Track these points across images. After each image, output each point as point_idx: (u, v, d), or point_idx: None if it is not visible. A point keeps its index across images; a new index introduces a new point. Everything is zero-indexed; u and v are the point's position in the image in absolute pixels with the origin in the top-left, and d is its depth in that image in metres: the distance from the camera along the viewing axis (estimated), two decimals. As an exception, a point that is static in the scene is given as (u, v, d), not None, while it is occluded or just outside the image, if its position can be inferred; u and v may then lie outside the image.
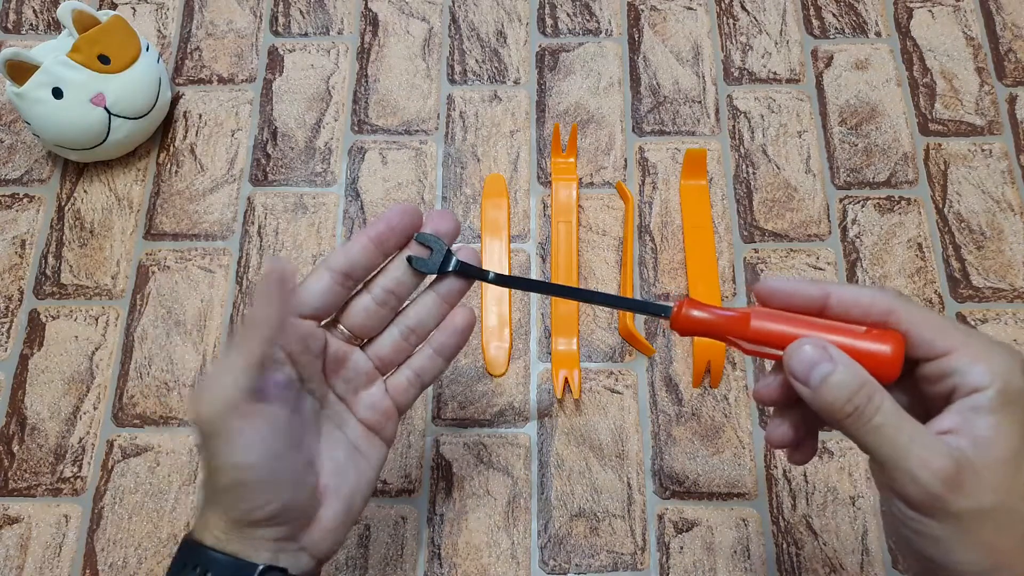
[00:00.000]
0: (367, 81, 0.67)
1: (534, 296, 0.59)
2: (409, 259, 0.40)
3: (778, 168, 0.63)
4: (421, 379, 0.42)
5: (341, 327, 0.41)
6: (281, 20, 0.69)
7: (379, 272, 0.41)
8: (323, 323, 0.40)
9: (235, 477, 0.34)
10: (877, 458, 0.30)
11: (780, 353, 0.33)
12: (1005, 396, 0.30)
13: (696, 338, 0.56)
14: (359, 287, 0.41)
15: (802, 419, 0.35)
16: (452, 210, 0.62)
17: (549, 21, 0.69)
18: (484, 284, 0.59)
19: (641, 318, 0.58)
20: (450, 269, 0.40)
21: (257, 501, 0.35)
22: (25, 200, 0.63)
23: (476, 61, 0.67)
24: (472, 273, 0.41)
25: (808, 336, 0.32)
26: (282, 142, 0.65)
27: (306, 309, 0.38)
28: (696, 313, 0.35)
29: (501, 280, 0.41)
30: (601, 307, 0.59)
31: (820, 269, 0.60)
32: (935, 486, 0.29)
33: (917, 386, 0.33)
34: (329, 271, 0.39)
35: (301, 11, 0.69)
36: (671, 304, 0.36)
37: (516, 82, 0.66)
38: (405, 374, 0.42)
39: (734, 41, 0.68)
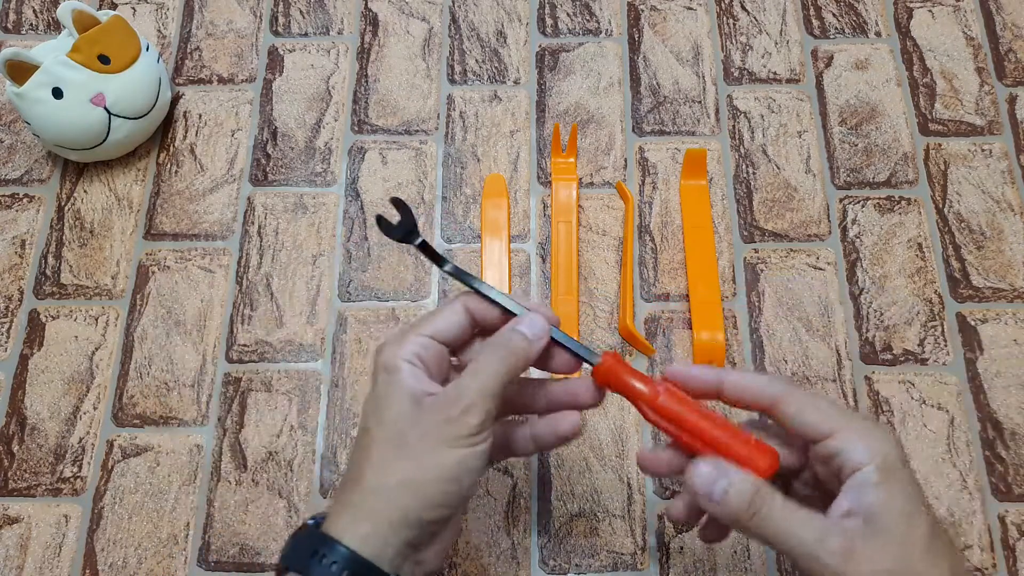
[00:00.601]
0: (367, 81, 0.67)
1: (534, 296, 0.59)
2: (378, 218, 0.42)
3: (778, 168, 0.63)
4: (512, 450, 0.42)
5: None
6: (281, 20, 0.69)
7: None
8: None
9: (456, 479, 0.36)
10: (783, 550, 0.34)
11: (671, 428, 0.38)
12: (885, 469, 0.34)
13: (696, 338, 0.57)
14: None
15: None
16: (452, 210, 0.62)
17: (549, 21, 0.69)
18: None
19: (641, 318, 0.58)
20: (415, 243, 0.42)
21: (450, 503, 0.36)
22: (25, 200, 0.63)
23: (476, 61, 0.67)
24: (431, 255, 0.42)
25: (701, 428, 0.37)
26: (282, 142, 0.65)
27: (443, 337, 0.40)
28: (614, 374, 0.39)
29: (456, 273, 0.41)
30: (600, 308, 0.59)
31: (820, 269, 0.60)
32: (834, 560, 0.33)
33: (815, 471, 0.37)
34: (465, 308, 0.40)
35: (301, 11, 0.69)
36: (598, 356, 0.39)
37: (516, 82, 0.66)
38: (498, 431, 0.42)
39: (734, 41, 0.68)
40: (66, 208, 0.62)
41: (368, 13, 0.69)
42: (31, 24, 0.70)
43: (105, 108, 0.58)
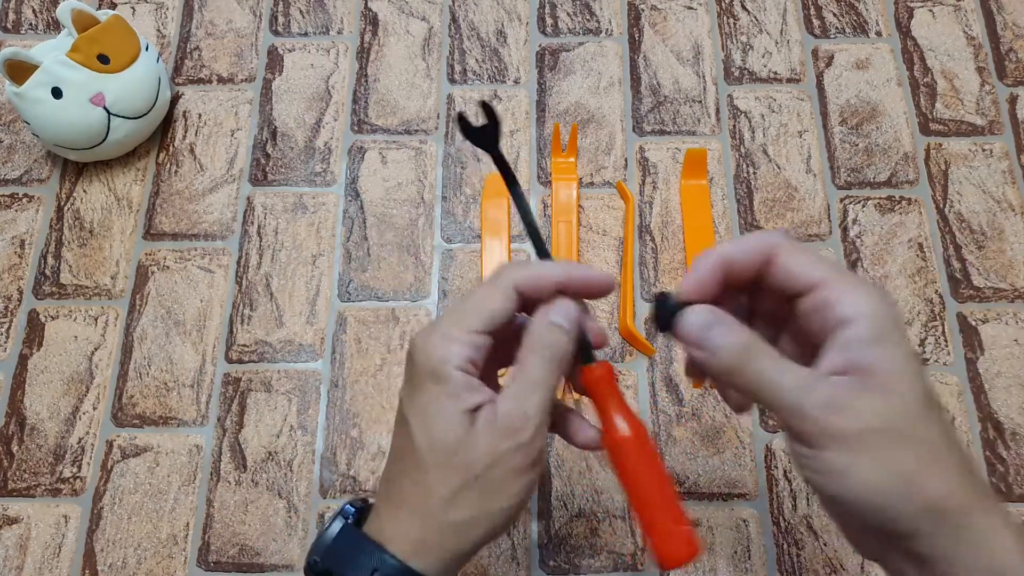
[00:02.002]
0: (367, 81, 0.66)
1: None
2: (459, 116, 0.37)
3: (779, 168, 0.63)
4: None
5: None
6: (281, 20, 0.69)
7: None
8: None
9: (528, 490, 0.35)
10: (767, 402, 0.31)
11: (618, 473, 0.36)
12: (877, 326, 0.30)
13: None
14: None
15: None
16: (452, 210, 0.62)
17: (549, 21, 0.69)
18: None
19: (641, 318, 0.58)
20: (491, 152, 0.38)
21: (513, 523, 0.35)
22: (24, 200, 0.63)
23: (476, 61, 0.67)
24: (505, 171, 0.38)
25: (642, 489, 0.35)
26: (282, 142, 0.64)
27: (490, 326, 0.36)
28: (606, 381, 0.37)
29: (522, 208, 0.38)
30: (600, 308, 0.59)
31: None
32: (818, 412, 0.30)
33: (801, 329, 0.34)
34: (515, 290, 0.36)
35: (301, 11, 0.69)
36: (596, 360, 0.37)
37: (516, 82, 0.66)
38: None
39: (734, 41, 0.68)
40: (65, 208, 0.62)
41: (368, 13, 0.69)
42: (30, 24, 0.70)
43: (104, 108, 0.58)
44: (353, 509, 0.36)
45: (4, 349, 0.58)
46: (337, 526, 0.36)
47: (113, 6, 0.70)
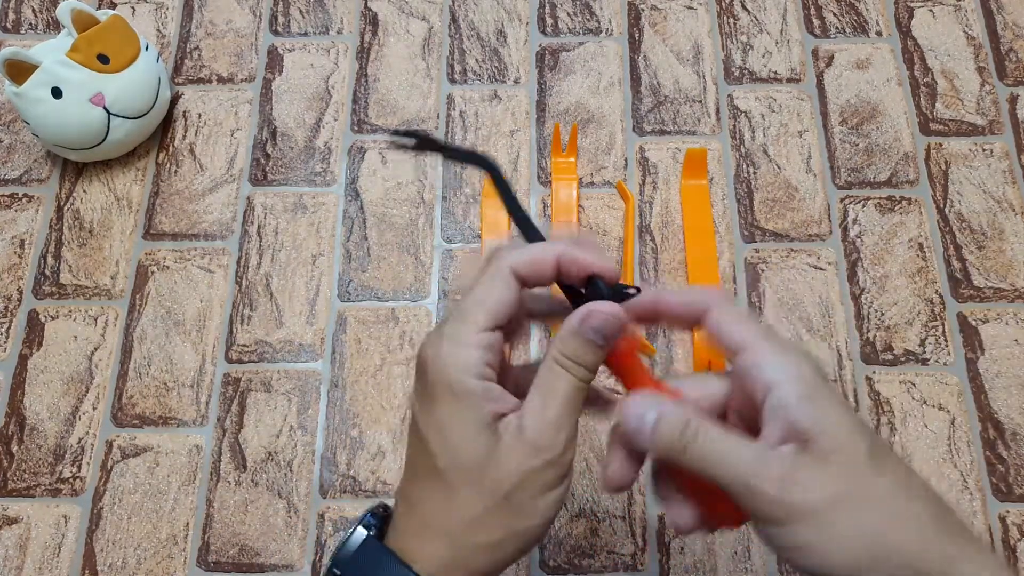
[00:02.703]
0: (367, 81, 0.66)
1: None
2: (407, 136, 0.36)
3: (779, 168, 0.63)
4: None
5: None
6: (281, 19, 0.69)
7: None
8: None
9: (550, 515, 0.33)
10: (719, 482, 0.30)
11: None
12: (804, 387, 0.30)
13: (697, 338, 0.56)
14: None
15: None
16: (452, 210, 0.62)
17: (549, 20, 0.69)
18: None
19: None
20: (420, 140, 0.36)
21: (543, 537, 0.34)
22: (24, 200, 0.63)
23: (476, 61, 0.67)
24: (434, 147, 0.36)
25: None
26: (281, 142, 0.64)
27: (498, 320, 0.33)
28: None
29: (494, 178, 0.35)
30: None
31: (821, 269, 0.60)
32: (773, 488, 0.28)
33: (738, 393, 0.33)
34: (514, 275, 0.33)
35: (301, 10, 0.69)
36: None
37: (516, 82, 0.66)
38: None
39: (735, 40, 0.68)
40: (65, 208, 0.62)
41: (368, 12, 0.69)
42: (30, 24, 0.70)
43: (104, 108, 0.58)
44: (375, 520, 0.34)
45: (4, 349, 0.58)
46: (359, 537, 0.33)
47: (113, 6, 0.70)
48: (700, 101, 0.65)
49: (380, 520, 0.34)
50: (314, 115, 0.65)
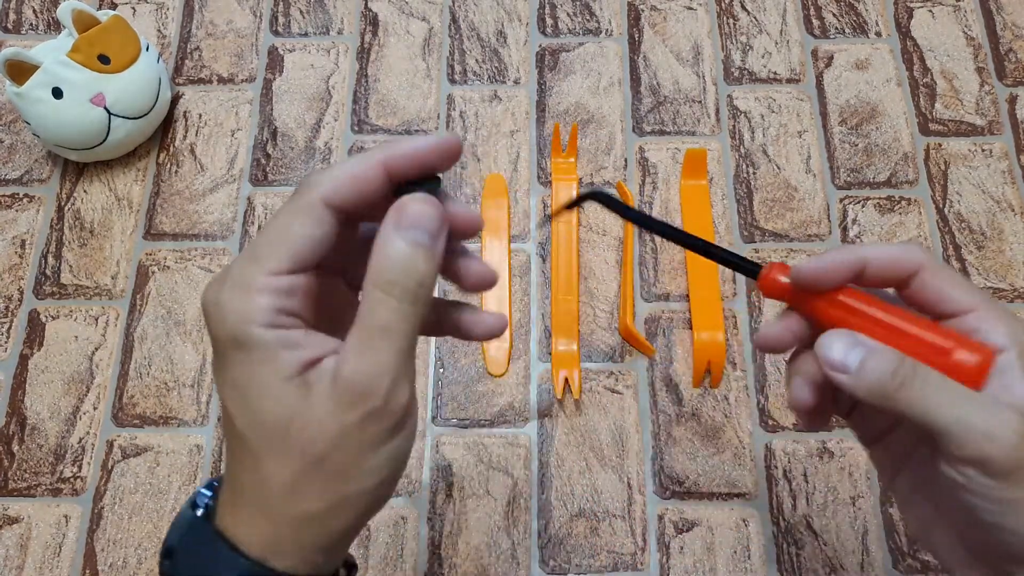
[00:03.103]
0: (367, 81, 0.67)
1: (534, 296, 0.59)
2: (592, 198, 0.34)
3: (778, 168, 0.63)
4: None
5: None
6: (281, 20, 0.69)
7: None
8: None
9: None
10: (938, 428, 0.28)
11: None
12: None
13: (697, 338, 0.56)
14: None
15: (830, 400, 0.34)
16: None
17: (549, 21, 0.69)
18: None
19: (641, 318, 0.58)
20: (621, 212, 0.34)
21: (387, 500, 0.29)
22: (25, 200, 0.63)
23: (476, 61, 0.67)
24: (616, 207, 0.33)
25: (889, 323, 0.31)
26: (282, 142, 0.65)
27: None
28: (782, 279, 0.32)
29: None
30: (600, 308, 0.59)
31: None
32: (1016, 441, 0.27)
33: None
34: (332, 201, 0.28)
35: (301, 11, 0.69)
36: (761, 264, 0.33)
37: (516, 82, 0.66)
38: None
39: (734, 41, 0.68)
40: (66, 208, 0.62)
41: (368, 13, 0.69)
42: (31, 24, 0.70)
43: (105, 108, 0.58)
44: (209, 494, 0.30)
45: (5, 349, 0.58)
46: (184, 520, 0.30)
47: (113, 6, 0.70)
48: (700, 101, 0.65)
49: (216, 494, 0.30)
50: (314, 115, 0.65)
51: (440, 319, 0.32)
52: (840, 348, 0.30)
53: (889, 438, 0.34)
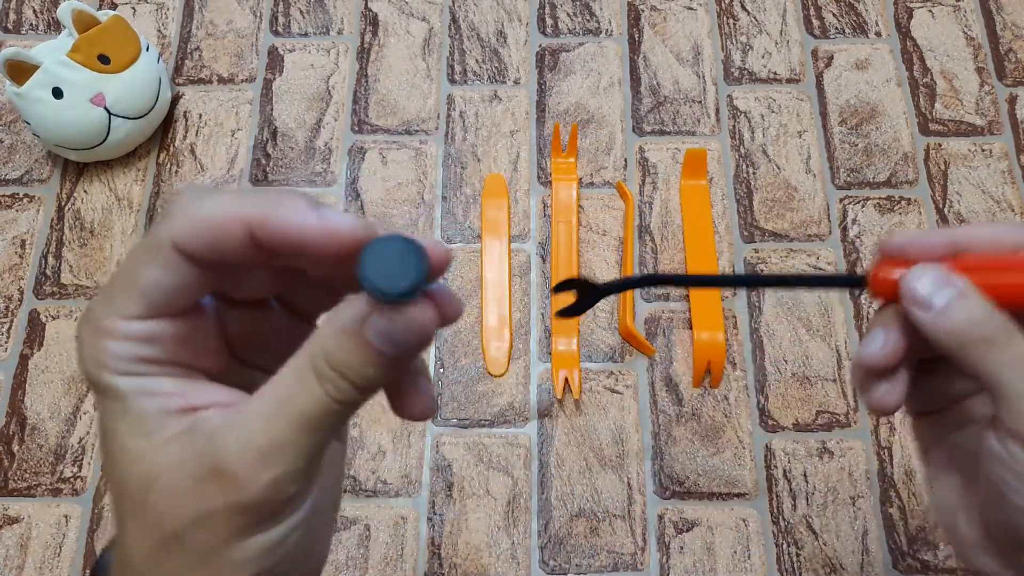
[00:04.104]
0: (367, 81, 0.67)
1: (534, 296, 0.59)
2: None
3: (778, 168, 0.63)
4: None
5: None
6: (281, 20, 0.69)
7: None
8: None
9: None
10: (1002, 393, 0.27)
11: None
12: None
13: (697, 338, 0.56)
14: None
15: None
16: (452, 210, 0.62)
17: (549, 21, 0.69)
18: (483, 283, 0.59)
19: (641, 318, 0.58)
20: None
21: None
22: (25, 200, 0.63)
23: (476, 61, 0.67)
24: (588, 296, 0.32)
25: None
26: (282, 142, 0.65)
27: None
28: (895, 274, 0.29)
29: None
30: (600, 308, 0.59)
31: (821, 269, 0.60)
32: None
33: None
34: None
35: (301, 11, 0.69)
36: (862, 274, 0.30)
37: (516, 82, 0.66)
38: None
39: (734, 41, 0.68)
40: (66, 208, 0.62)
41: (368, 13, 0.69)
42: (31, 24, 0.70)
43: (105, 108, 0.58)
44: (111, 557, 0.26)
45: (5, 349, 0.58)
46: None
47: (114, 6, 0.70)
48: (700, 101, 0.66)
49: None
50: (314, 115, 0.65)
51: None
52: (928, 283, 0.27)
53: (941, 415, 0.33)
